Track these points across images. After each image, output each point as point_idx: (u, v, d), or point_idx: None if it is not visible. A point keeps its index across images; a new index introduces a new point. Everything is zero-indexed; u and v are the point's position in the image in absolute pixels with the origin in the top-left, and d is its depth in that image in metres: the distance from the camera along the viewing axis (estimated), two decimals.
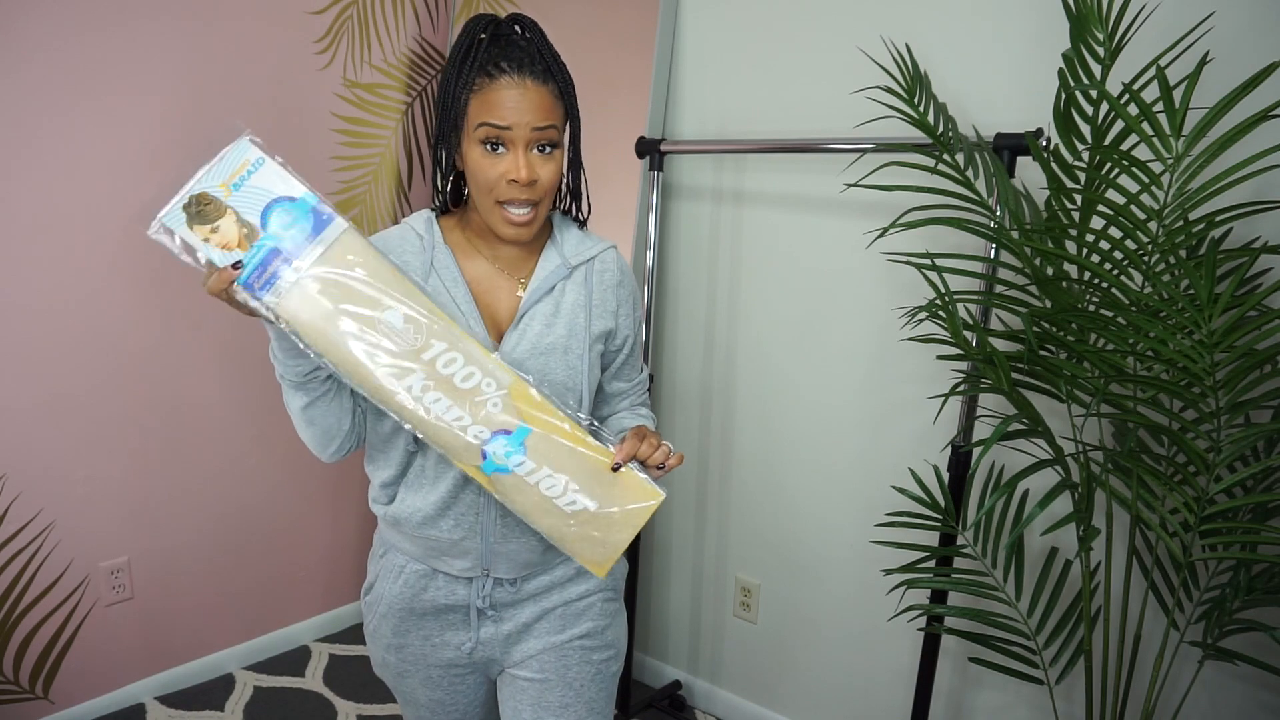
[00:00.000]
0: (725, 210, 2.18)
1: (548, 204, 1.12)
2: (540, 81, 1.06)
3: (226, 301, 0.99)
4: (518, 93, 1.04)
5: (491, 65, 1.05)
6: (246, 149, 1.05)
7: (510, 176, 1.06)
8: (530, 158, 1.07)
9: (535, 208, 1.09)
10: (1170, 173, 1.25)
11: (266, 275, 0.98)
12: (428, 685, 1.25)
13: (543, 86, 1.06)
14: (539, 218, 1.11)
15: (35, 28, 1.87)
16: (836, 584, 2.11)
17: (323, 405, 1.10)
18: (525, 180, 1.06)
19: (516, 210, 1.08)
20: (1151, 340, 1.23)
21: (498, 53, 1.06)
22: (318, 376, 1.07)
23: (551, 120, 1.07)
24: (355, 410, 1.16)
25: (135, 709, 2.25)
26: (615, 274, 1.22)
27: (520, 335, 1.13)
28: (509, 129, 1.05)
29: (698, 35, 2.16)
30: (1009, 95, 1.72)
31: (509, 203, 1.08)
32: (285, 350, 1.04)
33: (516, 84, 1.05)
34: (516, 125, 1.05)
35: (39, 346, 1.98)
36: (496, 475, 1.04)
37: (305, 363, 1.05)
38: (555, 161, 1.09)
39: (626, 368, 1.27)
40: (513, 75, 1.05)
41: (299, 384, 1.08)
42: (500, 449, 1.04)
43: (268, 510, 2.47)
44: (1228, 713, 1.63)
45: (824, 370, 2.06)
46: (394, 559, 1.22)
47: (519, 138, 1.05)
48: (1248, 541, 1.32)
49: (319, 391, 1.09)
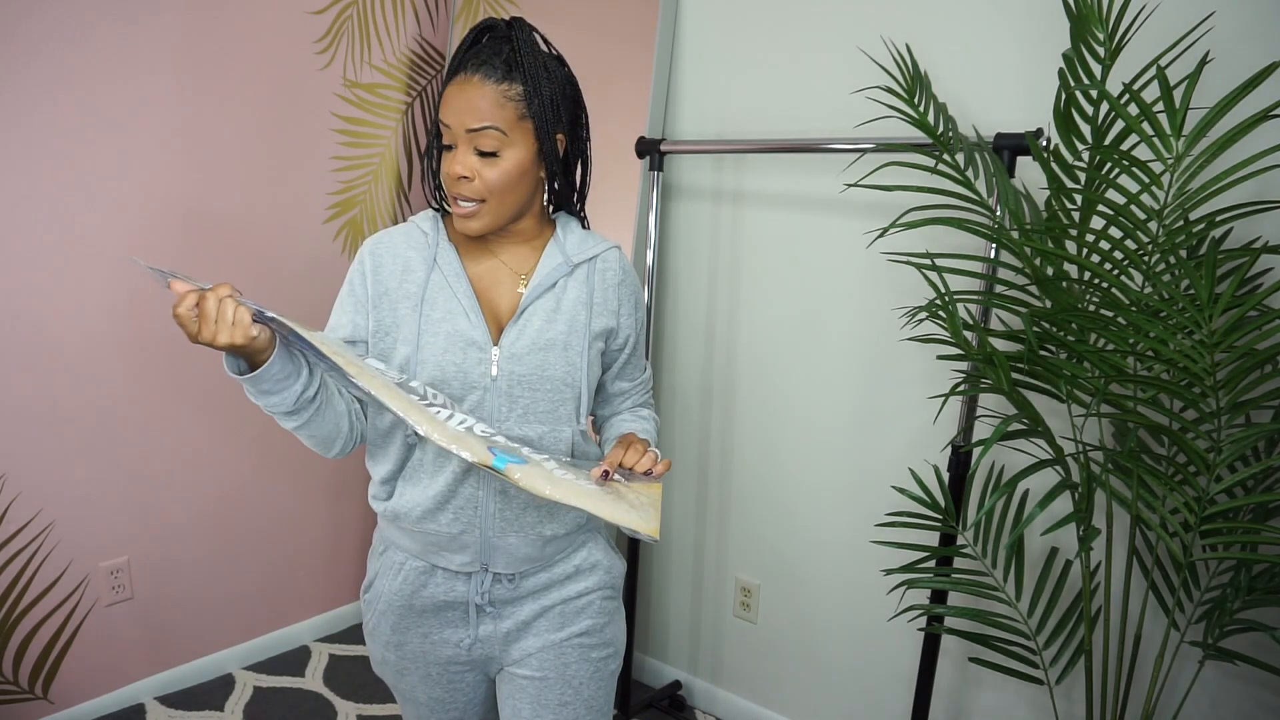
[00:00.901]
0: (725, 210, 2.18)
1: (500, 203, 1.12)
2: (491, 80, 1.07)
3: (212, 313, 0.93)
4: (458, 90, 1.07)
5: (459, 65, 1.09)
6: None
7: (448, 172, 1.10)
8: (468, 157, 1.09)
9: (480, 204, 1.11)
10: (1170, 173, 1.25)
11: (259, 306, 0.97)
12: (427, 683, 1.25)
13: (489, 85, 1.07)
14: (488, 214, 1.12)
15: (34, 27, 1.87)
16: (837, 584, 2.11)
17: (316, 420, 1.10)
18: (456, 176, 1.09)
19: (461, 203, 1.11)
20: (1152, 340, 1.23)
21: (472, 54, 1.09)
22: (305, 398, 1.06)
23: (489, 121, 1.07)
24: (351, 411, 1.16)
25: (135, 709, 2.25)
26: (617, 273, 1.23)
27: (520, 330, 1.14)
28: (448, 127, 1.09)
29: (698, 35, 2.16)
30: (1009, 95, 1.72)
31: (457, 197, 1.11)
32: (264, 390, 1.02)
33: (462, 82, 1.07)
34: (454, 124, 1.08)
35: (39, 346, 1.98)
36: (512, 465, 1.01)
37: (289, 393, 1.04)
38: (499, 164, 1.09)
39: (629, 367, 1.28)
40: (465, 73, 1.07)
41: (288, 412, 1.07)
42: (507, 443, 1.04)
43: (268, 510, 2.47)
44: (1228, 713, 1.63)
45: (824, 370, 2.06)
46: (393, 556, 1.22)
47: (459, 136, 1.08)
48: (1248, 541, 1.32)
49: (310, 411, 1.08)
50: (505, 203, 1.12)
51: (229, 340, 0.93)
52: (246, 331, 0.94)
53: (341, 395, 1.15)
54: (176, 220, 2.14)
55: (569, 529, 1.21)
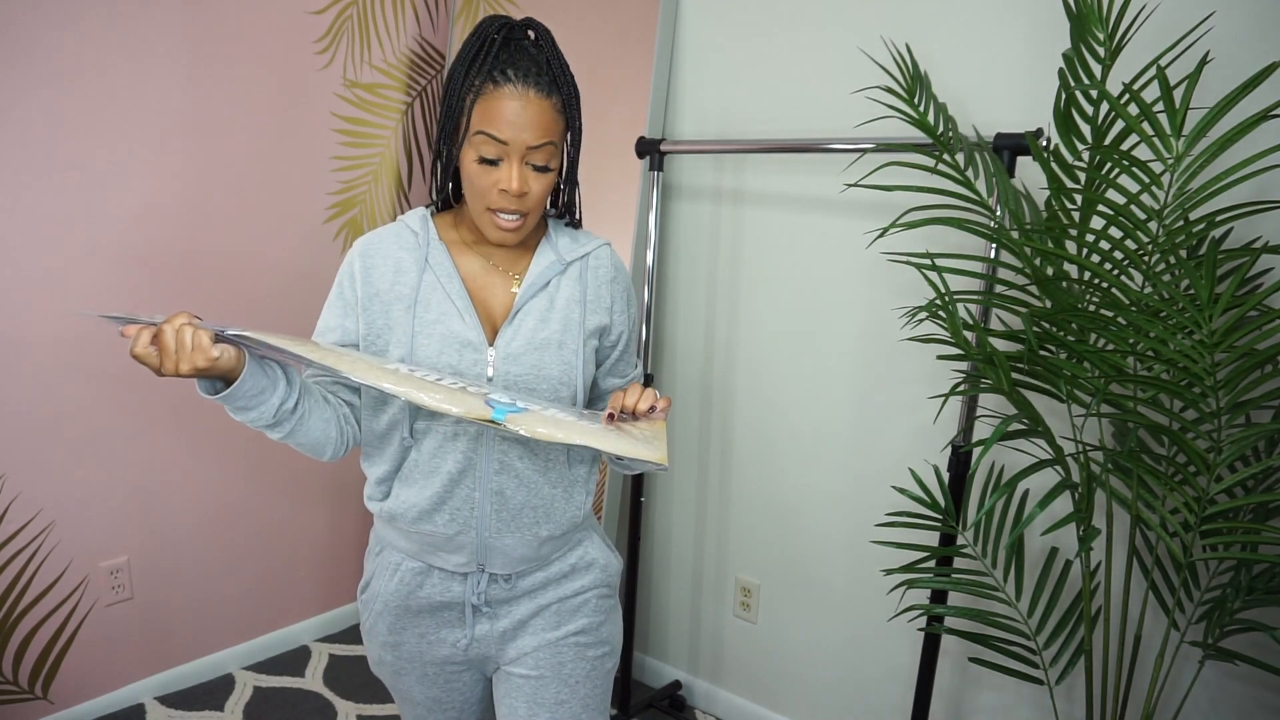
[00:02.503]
0: (725, 210, 2.18)
1: (538, 213, 1.13)
2: (544, 95, 1.05)
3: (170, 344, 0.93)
4: (518, 105, 1.04)
5: (498, 71, 1.05)
6: None
7: (502, 186, 1.07)
8: (524, 171, 1.07)
9: (524, 216, 1.10)
10: (1170, 173, 1.25)
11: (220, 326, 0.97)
12: (424, 682, 1.25)
13: (545, 100, 1.06)
14: (528, 224, 1.12)
15: (33, 27, 1.87)
16: (836, 584, 2.11)
17: (301, 430, 1.10)
18: (516, 192, 1.07)
19: (506, 217, 1.09)
20: (1152, 340, 1.23)
21: (506, 59, 1.05)
22: (285, 410, 1.06)
23: (549, 137, 1.07)
24: (339, 416, 1.16)
25: (135, 709, 2.25)
26: (609, 270, 1.23)
27: (515, 330, 1.14)
28: (505, 143, 1.05)
29: (698, 35, 2.16)
30: (1009, 95, 1.72)
31: (499, 210, 1.09)
32: (241, 407, 1.02)
33: (519, 95, 1.04)
34: (513, 140, 1.05)
35: (39, 346, 1.98)
36: (512, 415, 0.99)
37: (267, 407, 1.03)
38: (548, 177, 1.10)
39: (621, 364, 1.28)
40: (517, 85, 1.04)
41: (270, 425, 1.06)
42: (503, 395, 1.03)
43: (267, 510, 2.47)
44: (1228, 713, 1.63)
45: (824, 370, 2.06)
46: (390, 556, 1.22)
47: (515, 151, 1.06)
48: (1248, 541, 1.32)
49: (292, 422, 1.08)
50: (539, 212, 1.13)
51: (191, 366, 0.93)
52: (208, 354, 0.93)
53: (328, 401, 1.14)
54: (176, 220, 2.14)
55: (565, 529, 1.21)
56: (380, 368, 1.00)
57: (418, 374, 1.02)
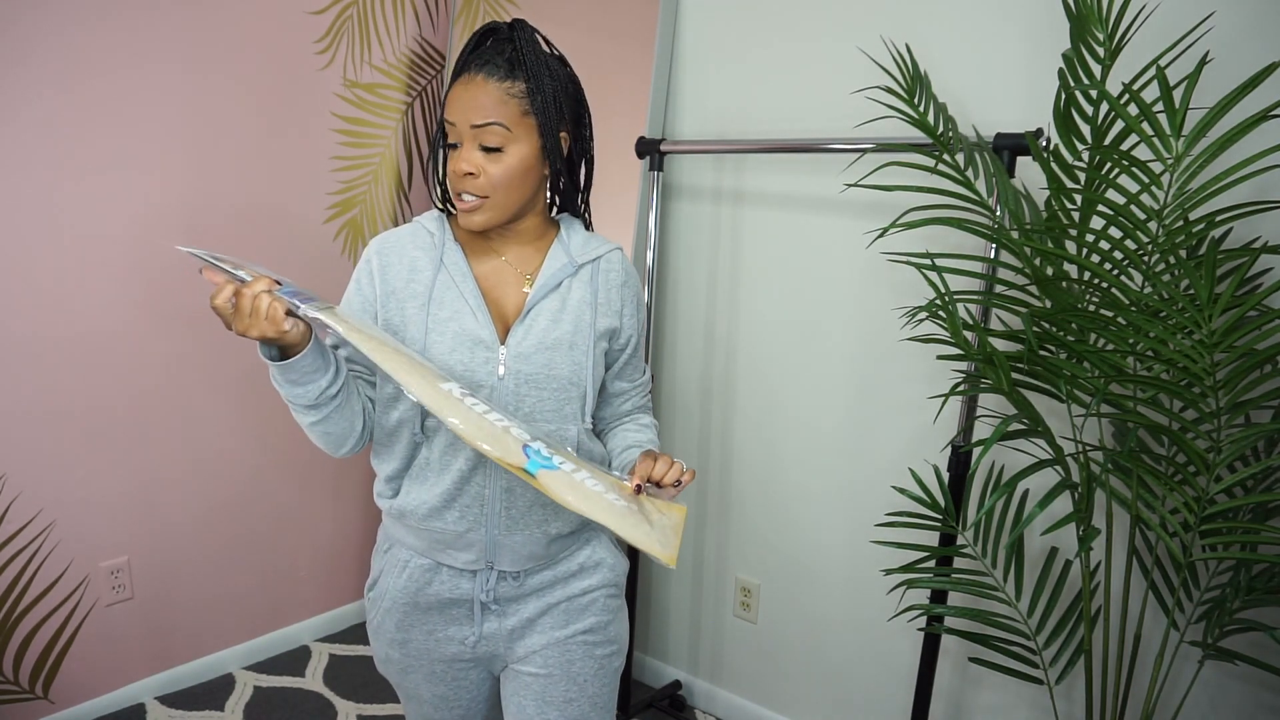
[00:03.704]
0: (725, 210, 2.18)
1: (504, 199, 1.13)
2: (495, 78, 1.08)
3: (248, 306, 0.97)
4: (463, 88, 1.09)
5: (463, 66, 1.10)
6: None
7: (454, 167, 1.11)
8: (473, 153, 1.10)
9: (483, 200, 1.12)
10: (1170, 173, 1.25)
11: (299, 299, 0.99)
12: (431, 680, 1.25)
13: (495, 83, 1.08)
14: (490, 210, 1.13)
15: (33, 26, 1.87)
16: (836, 584, 2.11)
17: (334, 417, 1.12)
18: (461, 172, 1.10)
19: (465, 197, 1.12)
20: (1151, 340, 1.23)
21: (473, 55, 1.11)
22: (328, 394, 1.08)
23: (492, 118, 1.08)
24: (365, 410, 1.17)
25: (135, 709, 2.25)
26: (621, 274, 1.24)
27: (527, 330, 1.15)
28: (453, 125, 1.10)
29: (698, 35, 2.16)
30: (1009, 95, 1.72)
31: (461, 192, 1.12)
32: (291, 380, 1.05)
33: (466, 81, 1.09)
34: (459, 122, 1.10)
35: (39, 346, 1.98)
36: (544, 472, 1.01)
37: (314, 387, 1.06)
38: (503, 160, 1.11)
39: (629, 368, 1.29)
40: (470, 72, 1.09)
41: (309, 405, 1.09)
42: (543, 446, 1.04)
43: (268, 510, 2.47)
44: (1228, 713, 1.63)
45: (824, 370, 2.06)
46: (398, 554, 1.22)
47: (463, 133, 1.10)
48: (1248, 541, 1.32)
49: (331, 408, 1.10)
50: (509, 198, 1.13)
51: (260, 333, 0.97)
52: (279, 326, 0.98)
53: (359, 394, 1.16)
54: (176, 220, 2.14)
55: (574, 527, 1.22)
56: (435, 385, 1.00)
57: (467, 400, 1.02)
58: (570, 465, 1.04)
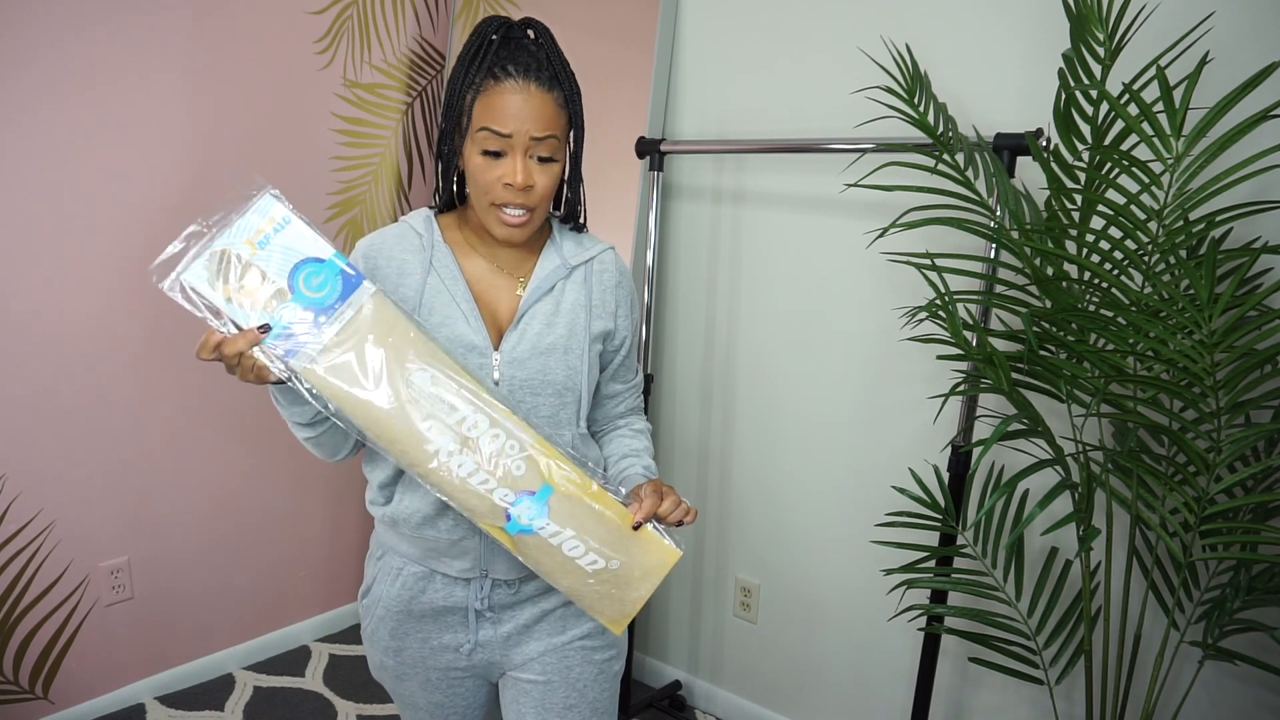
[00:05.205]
0: (725, 210, 2.18)
1: (544, 208, 1.13)
2: (545, 89, 1.06)
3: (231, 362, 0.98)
4: (520, 99, 1.05)
5: (498, 68, 1.06)
6: (271, 204, 0.99)
7: (506, 180, 1.07)
8: (528, 164, 1.07)
9: (531, 211, 1.10)
10: (1170, 173, 1.25)
11: (292, 341, 0.98)
12: (426, 688, 1.24)
13: (546, 94, 1.06)
14: (534, 221, 1.12)
15: (33, 26, 1.87)
16: (836, 584, 2.11)
17: (330, 434, 1.13)
18: (520, 185, 1.07)
19: (511, 211, 1.09)
20: (1151, 340, 1.23)
21: (506, 55, 1.06)
22: (321, 415, 1.09)
23: (551, 130, 1.07)
24: None
25: (135, 709, 2.25)
26: (614, 275, 1.22)
27: (521, 335, 1.13)
28: (509, 136, 1.05)
29: (698, 35, 2.16)
30: (1009, 95, 1.72)
31: (504, 205, 1.09)
32: (290, 401, 1.07)
33: (520, 89, 1.05)
34: (517, 133, 1.05)
35: (39, 346, 1.98)
36: (520, 536, 1.05)
37: (310, 408, 1.07)
38: (553, 170, 1.10)
39: (623, 369, 1.27)
40: (517, 80, 1.05)
41: (306, 424, 1.10)
42: (525, 511, 1.04)
43: (268, 510, 2.47)
44: (1228, 713, 1.63)
45: (824, 370, 2.06)
46: (391, 561, 1.21)
47: (518, 144, 1.06)
48: (1248, 541, 1.32)
49: (326, 426, 1.11)
50: (545, 209, 1.13)
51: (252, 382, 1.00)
52: (265, 379, 1.00)
53: None
54: (176, 220, 2.14)
55: None
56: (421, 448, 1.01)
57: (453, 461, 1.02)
58: (556, 526, 1.05)
